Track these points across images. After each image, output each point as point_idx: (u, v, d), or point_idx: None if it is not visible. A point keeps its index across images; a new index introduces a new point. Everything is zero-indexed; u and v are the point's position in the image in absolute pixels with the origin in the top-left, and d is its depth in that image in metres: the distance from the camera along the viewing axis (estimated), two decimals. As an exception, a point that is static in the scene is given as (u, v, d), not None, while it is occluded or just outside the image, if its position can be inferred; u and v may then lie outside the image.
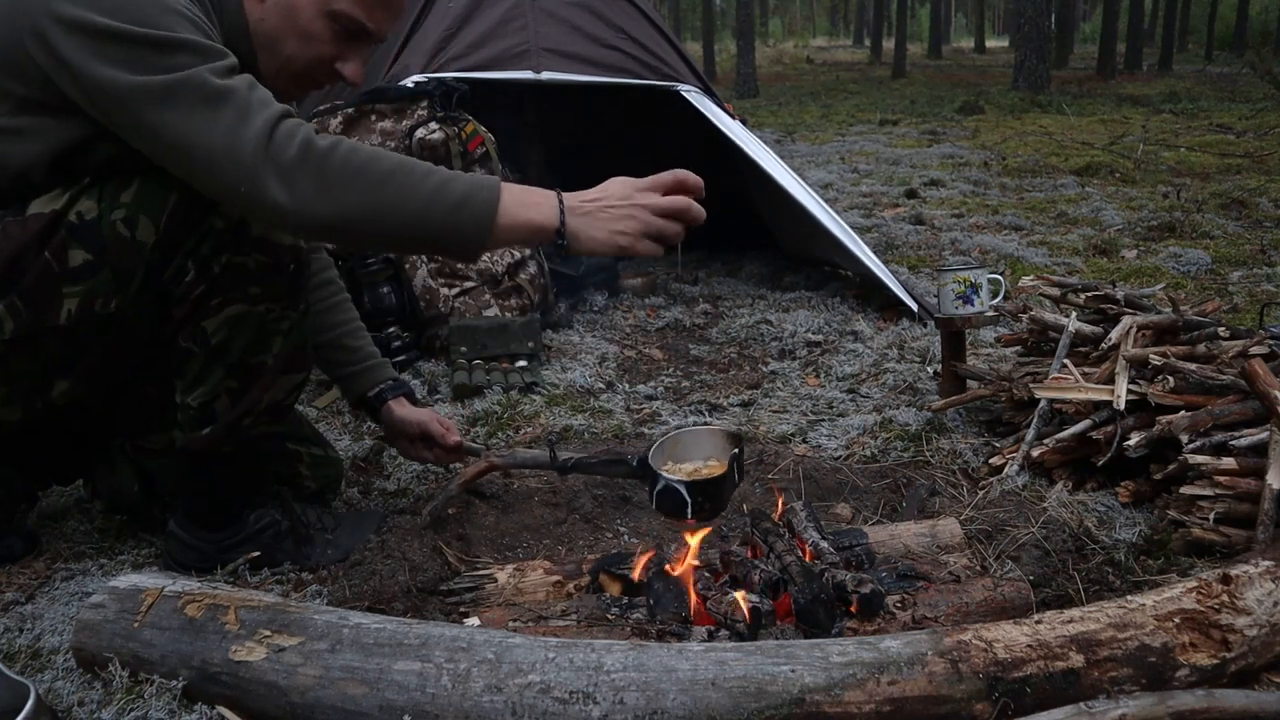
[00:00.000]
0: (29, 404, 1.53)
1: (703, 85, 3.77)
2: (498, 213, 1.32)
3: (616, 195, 1.37)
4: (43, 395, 1.52)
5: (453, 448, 1.96)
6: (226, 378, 1.54)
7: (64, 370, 1.50)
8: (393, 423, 1.94)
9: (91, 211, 1.41)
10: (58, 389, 1.52)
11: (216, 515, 1.71)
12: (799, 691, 1.15)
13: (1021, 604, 1.48)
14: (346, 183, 1.28)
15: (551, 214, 1.34)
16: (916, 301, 3.29)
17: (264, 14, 1.48)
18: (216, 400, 1.55)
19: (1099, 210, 5.14)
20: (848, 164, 7.44)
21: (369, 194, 1.29)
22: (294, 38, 1.49)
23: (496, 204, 1.32)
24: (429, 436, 1.94)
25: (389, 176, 1.29)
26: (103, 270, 1.42)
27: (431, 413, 1.97)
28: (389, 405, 1.93)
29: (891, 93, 16.14)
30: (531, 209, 1.34)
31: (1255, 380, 1.76)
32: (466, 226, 1.32)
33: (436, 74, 3.23)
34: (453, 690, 1.18)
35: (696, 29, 34.81)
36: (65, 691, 1.34)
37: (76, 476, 1.94)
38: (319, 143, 1.29)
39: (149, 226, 1.44)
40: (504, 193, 1.33)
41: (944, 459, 2.14)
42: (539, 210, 1.34)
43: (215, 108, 1.27)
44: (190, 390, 1.55)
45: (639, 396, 2.72)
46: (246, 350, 1.53)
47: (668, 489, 1.53)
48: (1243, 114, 9.95)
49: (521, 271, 3.13)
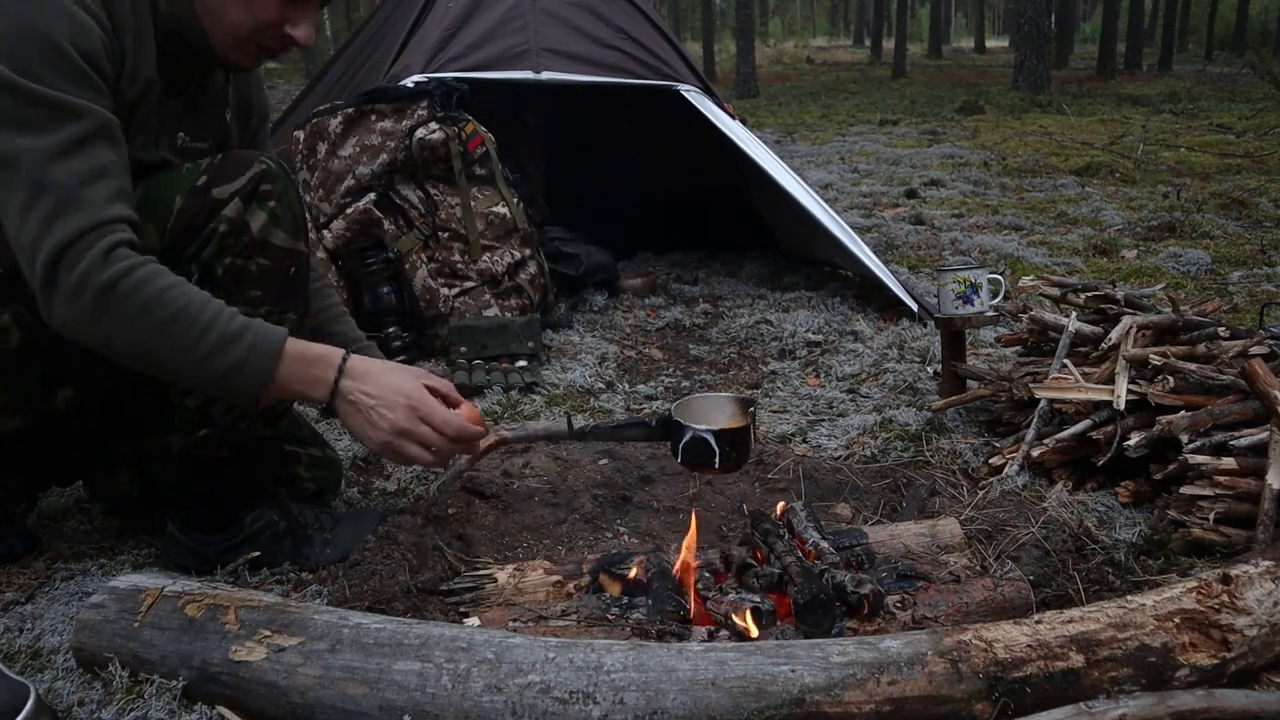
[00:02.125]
0: (32, 412, 1.53)
1: (703, 85, 3.77)
2: (269, 385, 1.38)
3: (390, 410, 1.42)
4: (46, 403, 1.52)
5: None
6: None
7: (67, 378, 1.50)
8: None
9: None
10: (61, 396, 1.52)
11: (214, 517, 1.71)
12: (799, 691, 1.15)
13: (1021, 604, 1.48)
14: (121, 322, 1.30)
15: (324, 395, 1.41)
16: (916, 301, 3.29)
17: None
18: (214, 403, 1.55)
19: (1099, 210, 5.14)
20: (848, 164, 7.44)
21: (147, 338, 1.32)
22: (237, 4, 1.46)
23: (268, 378, 1.37)
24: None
25: (167, 325, 1.32)
26: None
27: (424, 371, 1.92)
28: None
29: (891, 93, 16.14)
30: (306, 384, 1.41)
31: (1255, 380, 1.76)
32: (240, 390, 1.39)
33: (436, 74, 3.23)
34: (453, 690, 1.18)
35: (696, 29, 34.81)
36: (65, 691, 1.34)
37: (76, 478, 1.94)
38: (98, 273, 1.28)
39: (154, 233, 1.45)
40: (280, 364, 1.37)
41: (944, 459, 2.14)
42: (313, 387, 1.41)
43: (32, 201, 1.27)
44: (187, 392, 1.55)
45: (639, 396, 2.72)
46: None
47: (696, 439, 1.59)
48: (1243, 114, 9.95)
49: (521, 271, 3.13)
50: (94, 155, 1.31)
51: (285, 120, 4.26)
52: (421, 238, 3.01)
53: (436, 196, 3.04)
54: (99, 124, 1.33)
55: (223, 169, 1.51)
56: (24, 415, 1.53)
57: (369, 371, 1.43)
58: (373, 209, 2.98)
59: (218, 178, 1.50)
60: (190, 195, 1.48)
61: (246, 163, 1.52)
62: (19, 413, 1.52)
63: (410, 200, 3.03)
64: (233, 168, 1.52)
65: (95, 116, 1.32)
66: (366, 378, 1.42)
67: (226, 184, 1.50)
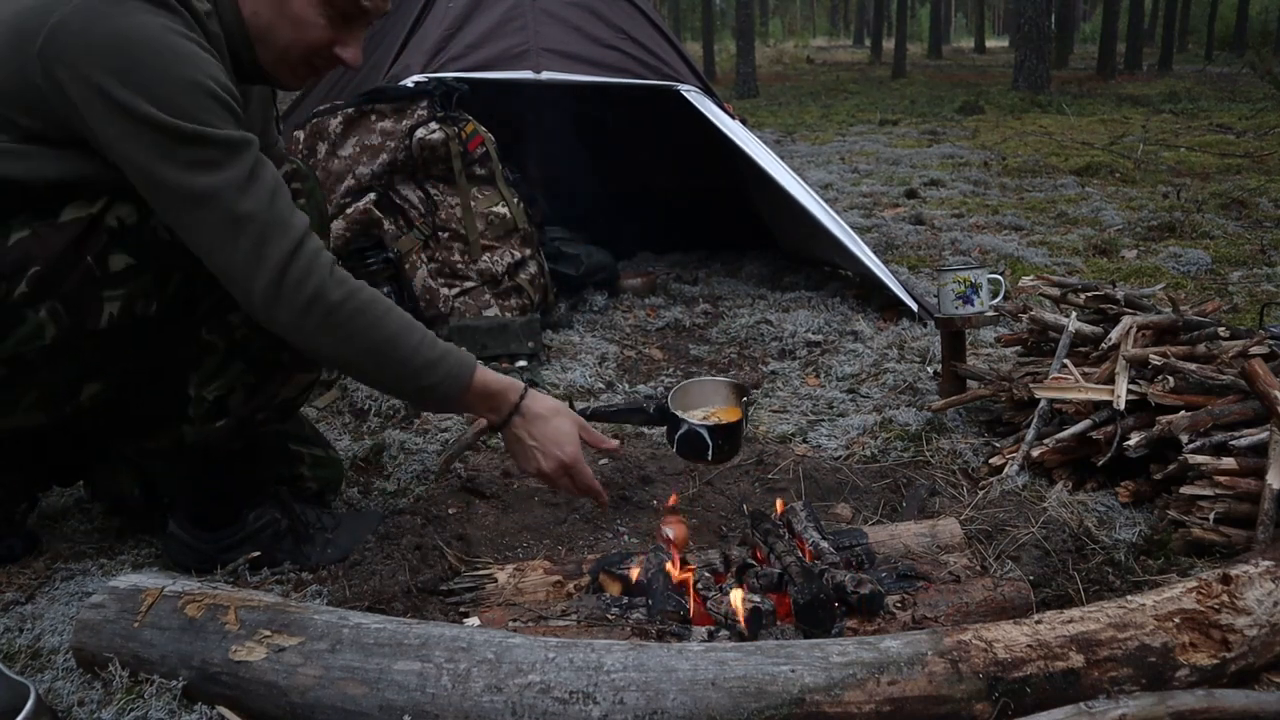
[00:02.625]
0: (58, 408, 1.53)
1: (703, 85, 3.77)
2: (453, 406, 1.60)
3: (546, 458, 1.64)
4: (73, 399, 1.53)
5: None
6: (245, 372, 1.57)
7: (97, 374, 1.51)
8: None
9: (131, 216, 1.42)
10: (88, 392, 1.53)
11: (217, 514, 1.71)
12: (799, 691, 1.15)
13: (1021, 604, 1.48)
14: (345, 339, 1.44)
15: (496, 423, 1.63)
16: (916, 301, 3.29)
17: (255, 7, 1.48)
18: (232, 394, 1.57)
19: (1099, 210, 5.14)
20: (848, 164, 7.44)
21: (360, 355, 1.47)
22: (287, 26, 1.49)
23: (454, 403, 1.58)
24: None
25: (378, 348, 1.47)
26: (144, 274, 1.43)
27: None
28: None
29: (891, 93, 16.13)
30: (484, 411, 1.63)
31: (1255, 380, 1.76)
32: (428, 404, 1.64)
33: (436, 74, 3.23)
34: (453, 690, 1.18)
35: (696, 29, 34.80)
36: (65, 691, 1.34)
37: (77, 478, 1.94)
38: (331, 295, 1.40)
39: None
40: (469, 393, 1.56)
41: (944, 459, 2.14)
42: (489, 414, 1.63)
43: (235, 234, 1.36)
44: (207, 383, 1.56)
45: (639, 396, 2.72)
46: (267, 346, 1.55)
47: (690, 433, 1.69)
48: (1243, 114, 9.95)
49: (521, 271, 3.13)
50: (266, 175, 1.39)
51: (285, 120, 4.26)
52: (421, 238, 3.01)
53: (436, 196, 3.04)
54: (256, 147, 1.39)
55: None
56: (50, 411, 1.53)
57: (539, 415, 1.62)
58: (373, 209, 2.98)
59: None
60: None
61: (277, 163, 1.56)
62: (45, 408, 1.53)
63: (410, 200, 3.03)
64: None
65: (253, 143, 1.39)
66: (536, 421, 1.62)
67: None
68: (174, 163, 1.32)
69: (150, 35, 1.31)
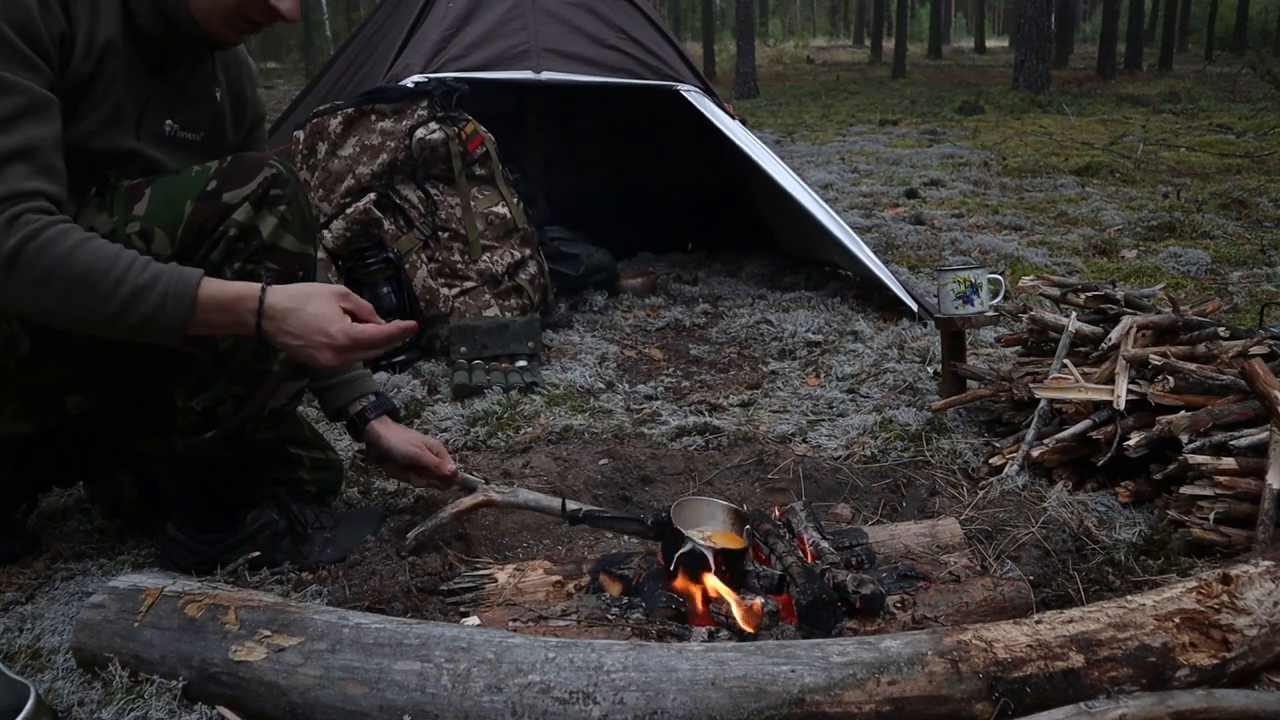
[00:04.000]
0: (42, 417, 1.53)
1: (703, 85, 3.77)
2: (185, 331, 1.36)
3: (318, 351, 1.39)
4: (56, 409, 1.52)
5: (446, 477, 1.84)
6: (231, 383, 1.55)
7: (78, 383, 1.50)
8: (379, 447, 1.82)
9: (105, 225, 1.40)
10: (71, 401, 1.52)
11: (214, 517, 1.71)
12: (799, 691, 1.15)
13: (1021, 604, 1.48)
14: (30, 286, 1.29)
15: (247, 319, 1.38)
16: (916, 301, 3.29)
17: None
18: (220, 405, 1.56)
19: (1099, 210, 5.14)
20: (848, 164, 7.44)
21: (54, 300, 1.31)
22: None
23: (183, 326, 1.35)
24: (421, 466, 1.81)
25: (72, 288, 1.30)
26: None
27: (422, 439, 1.84)
28: (372, 426, 1.81)
29: (891, 93, 16.13)
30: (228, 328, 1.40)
31: (1255, 380, 1.76)
32: (148, 338, 1.37)
33: (436, 74, 3.23)
34: (453, 690, 1.18)
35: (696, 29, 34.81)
36: (65, 691, 1.34)
37: (76, 479, 1.94)
38: (5, 244, 1.26)
39: (164, 239, 1.45)
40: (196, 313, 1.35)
41: (944, 459, 2.14)
42: (236, 329, 1.40)
43: None
44: (193, 395, 1.55)
45: (639, 396, 2.72)
46: (253, 357, 1.54)
47: (694, 553, 1.50)
48: (1243, 114, 9.95)
49: (521, 271, 3.13)
50: (19, 132, 1.30)
51: (285, 120, 4.26)
52: (421, 238, 3.01)
53: (436, 196, 3.04)
54: (29, 101, 1.32)
55: (233, 174, 1.51)
56: (35, 421, 1.53)
57: (288, 309, 1.38)
58: (373, 209, 2.98)
59: (228, 182, 1.49)
60: (201, 200, 1.48)
61: (257, 167, 1.52)
62: (29, 418, 1.52)
63: (410, 200, 3.03)
64: (243, 172, 1.51)
65: (25, 93, 1.31)
66: (287, 318, 1.38)
67: (237, 189, 1.49)
68: None
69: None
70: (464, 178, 3.04)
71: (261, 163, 1.53)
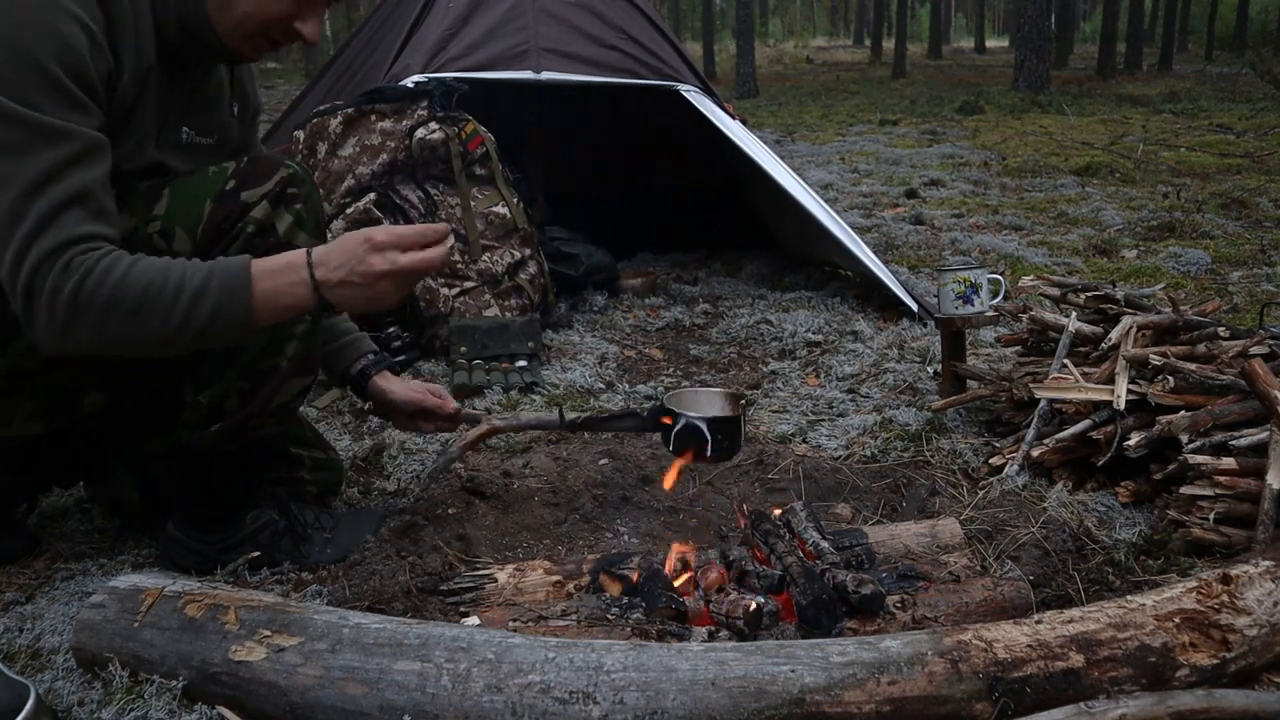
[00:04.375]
0: (57, 418, 1.53)
1: (703, 85, 3.77)
2: (252, 314, 1.36)
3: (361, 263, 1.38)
4: (73, 409, 1.52)
5: (451, 416, 1.90)
6: (239, 379, 1.56)
7: (96, 383, 1.51)
8: (383, 399, 1.87)
9: (126, 227, 1.41)
10: (89, 401, 1.52)
11: (215, 516, 1.71)
12: (799, 691, 1.15)
13: (1021, 604, 1.48)
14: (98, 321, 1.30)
15: (307, 295, 1.38)
16: (916, 301, 3.29)
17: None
18: (226, 400, 1.57)
19: (1099, 210, 5.14)
20: (848, 164, 7.44)
21: (128, 325, 1.31)
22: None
23: (249, 310, 1.36)
24: (425, 410, 1.88)
25: (136, 311, 1.31)
26: None
27: (423, 386, 1.91)
28: (375, 381, 1.87)
29: (891, 93, 16.13)
30: (288, 298, 1.38)
31: (1255, 380, 1.76)
32: (222, 335, 1.38)
33: (436, 74, 3.23)
34: (453, 690, 1.18)
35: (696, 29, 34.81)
36: (65, 691, 1.34)
37: (77, 480, 1.94)
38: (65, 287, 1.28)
39: (185, 238, 1.47)
40: (255, 290, 1.35)
41: (944, 459, 2.14)
42: (295, 297, 1.38)
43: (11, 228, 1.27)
44: (201, 389, 1.56)
45: (639, 396, 2.72)
46: (261, 353, 1.55)
47: (689, 427, 1.61)
48: (1243, 114, 9.95)
49: (521, 271, 3.13)
50: (73, 179, 1.30)
51: (285, 120, 4.26)
52: (421, 238, 3.01)
53: (436, 196, 3.04)
54: (82, 146, 1.32)
55: (250, 173, 1.54)
56: (50, 421, 1.53)
57: (329, 249, 1.40)
58: (373, 209, 2.98)
59: (246, 182, 1.53)
60: (219, 199, 1.50)
61: (274, 167, 1.56)
62: (45, 418, 1.53)
63: (410, 200, 3.03)
64: (260, 172, 1.54)
65: (79, 138, 1.31)
66: (328, 256, 1.39)
67: (255, 188, 1.53)
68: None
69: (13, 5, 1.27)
70: (464, 178, 3.04)
71: (278, 163, 1.57)
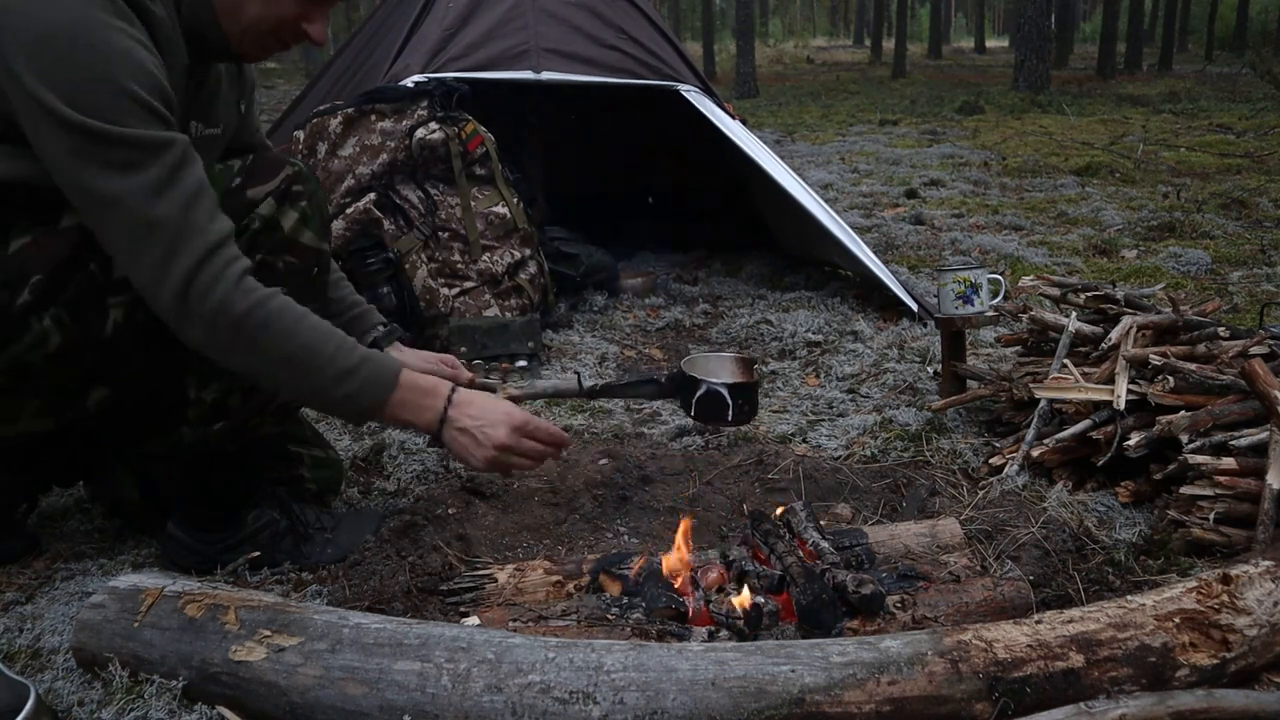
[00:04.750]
0: (63, 415, 1.53)
1: (703, 85, 3.77)
2: (382, 412, 1.48)
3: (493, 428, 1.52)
4: (79, 405, 1.52)
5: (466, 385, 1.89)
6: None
7: (103, 379, 1.51)
8: None
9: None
10: (94, 397, 1.53)
11: (215, 516, 1.71)
12: (799, 691, 1.15)
13: (1021, 604, 1.48)
14: (255, 351, 1.39)
15: (432, 422, 1.51)
16: (916, 301, 3.29)
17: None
18: (230, 396, 1.57)
19: (1099, 210, 5.14)
20: (848, 164, 7.44)
21: (270, 366, 1.41)
22: (257, 2, 1.47)
23: (382, 407, 1.47)
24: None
25: (292, 357, 1.40)
26: None
27: (435, 355, 1.92)
28: (387, 352, 1.85)
29: (891, 93, 16.13)
30: (414, 413, 1.50)
31: (1255, 380, 1.76)
32: (350, 416, 1.55)
33: (436, 74, 3.23)
34: (453, 690, 1.18)
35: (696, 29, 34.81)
36: (65, 691, 1.34)
37: (77, 479, 1.94)
38: (235, 307, 1.35)
39: None
40: (393, 398, 1.47)
41: (944, 459, 2.14)
42: (420, 416, 1.51)
43: (143, 240, 1.32)
44: (205, 385, 1.56)
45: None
46: None
47: (710, 393, 1.63)
48: (1243, 114, 9.95)
49: (521, 271, 3.13)
50: (187, 179, 1.35)
51: (285, 120, 4.26)
52: (421, 238, 3.01)
53: (436, 196, 3.04)
54: (181, 149, 1.36)
55: (256, 171, 1.56)
56: (56, 417, 1.53)
57: (472, 399, 1.53)
58: (373, 209, 2.98)
59: (252, 179, 1.55)
60: (226, 196, 1.51)
61: (279, 165, 1.57)
62: (51, 414, 1.53)
63: (410, 200, 3.03)
64: (266, 170, 1.56)
65: (176, 144, 1.35)
66: (470, 404, 1.52)
67: (261, 185, 1.54)
68: (89, 162, 1.29)
69: (74, 30, 1.28)
70: (464, 178, 3.04)
71: (283, 161, 1.59)
